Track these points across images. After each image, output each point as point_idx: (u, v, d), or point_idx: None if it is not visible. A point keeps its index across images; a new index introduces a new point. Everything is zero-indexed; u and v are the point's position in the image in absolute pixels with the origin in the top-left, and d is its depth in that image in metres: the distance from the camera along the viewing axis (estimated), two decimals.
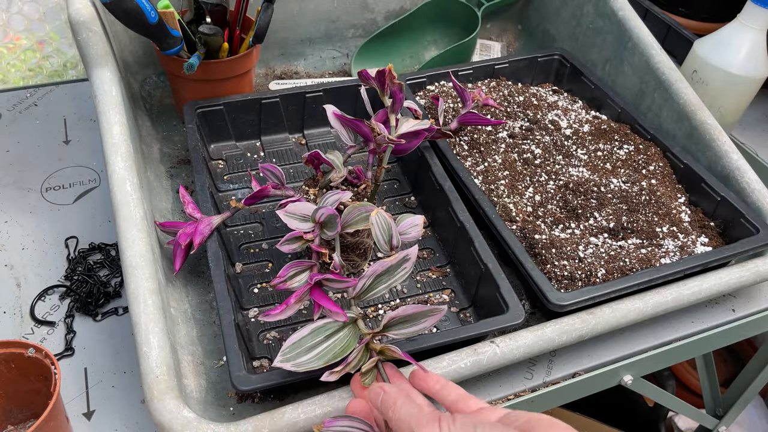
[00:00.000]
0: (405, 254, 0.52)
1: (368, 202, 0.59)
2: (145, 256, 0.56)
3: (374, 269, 0.51)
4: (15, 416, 0.55)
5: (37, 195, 0.78)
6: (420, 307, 0.49)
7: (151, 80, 0.89)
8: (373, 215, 0.55)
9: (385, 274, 0.52)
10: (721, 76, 0.88)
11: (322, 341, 0.50)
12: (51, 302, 0.66)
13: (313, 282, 0.53)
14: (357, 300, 0.53)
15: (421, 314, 0.50)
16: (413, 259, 0.52)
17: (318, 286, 0.54)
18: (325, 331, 0.51)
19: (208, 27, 0.74)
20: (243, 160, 0.80)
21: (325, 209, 0.57)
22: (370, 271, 0.51)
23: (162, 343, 0.51)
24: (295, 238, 0.58)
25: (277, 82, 0.95)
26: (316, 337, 0.50)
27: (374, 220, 0.55)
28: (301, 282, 0.55)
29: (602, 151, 0.80)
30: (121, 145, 0.62)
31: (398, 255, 0.52)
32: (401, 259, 0.52)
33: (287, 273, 0.55)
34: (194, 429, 0.47)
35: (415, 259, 0.52)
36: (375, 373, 0.50)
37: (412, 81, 0.86)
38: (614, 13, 0.89)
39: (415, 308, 0.49)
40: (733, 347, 1.39)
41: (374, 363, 0.50)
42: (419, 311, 0.49)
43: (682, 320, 0.69)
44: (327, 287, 0.54)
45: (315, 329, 0.51)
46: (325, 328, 0.51)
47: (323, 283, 0.54)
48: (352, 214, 0.58)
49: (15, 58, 1.14)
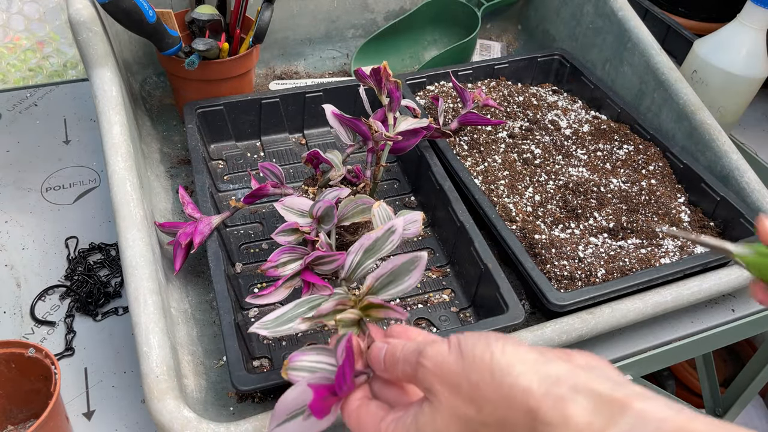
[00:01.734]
0: (391, 225, 0.50)
1: (365, 196, 0.58)
2: (145, 256, 0.56)
3: (361, 243, 0.49)
4: (15, 416, 0.55)
5: (37, 195, 0.78)
6: (399, 258, 0.45)
7: (151, 80, 0.89)
8: (375, 207, 0.55)
9: (372, 248, 0.50)
10: (721, 76, 0.88)
11: (306, 312, 0.48)
12: (51, 302, 0.66)
13: (306, 263, 0.52)
14: (348, 282, 0.51)
15: (404, 268, 0.46)
16: (400, 230, 0.50)
17: (309, 270, 0.53)
18: (309, 303, 0.49)
19: (203, 42, 0.74)
20: (243, 160, 0.80)
21: (322, 202, 0.57)
22: (357, 246, 0.49)
23: (162, 343, 0.51)
24: (292, 230, 0.57)
25: (277, 82, 0.95)
26: (299, 308, 0.48)
27: (376, 212, 0.54)
28: (294, 271, 0.54)
29: (602, 151, 0.80)
30: (121, 145, 0.62)
31: (384, 226, 0.50)
32: (387, 230, 0.49)
33: (278, 258, 0.54)
34: (194, 429, 0.47)
35: (401, 231, 0.50)
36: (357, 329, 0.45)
37: (412, 81, 0.86)
38: (614, 13, 0.89)
39: (394, 261, 0.45)
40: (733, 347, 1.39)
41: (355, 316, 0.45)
42: (400, 263, 0.45)
43: (682, 320, 0.69)
44: (318, 271, 0.54)
45: (300, 302, 0.49)
46: (309, 300, 0.49)
47: (314, 267, 0.53)
48: (348, 207, 0.58)
49: (15, 58, 1.14)
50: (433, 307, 0.64)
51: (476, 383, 0.32)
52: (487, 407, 0.31)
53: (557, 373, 0.30)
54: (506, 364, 0.31)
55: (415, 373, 0.35)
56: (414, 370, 0.35)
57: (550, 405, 0.29)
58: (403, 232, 0.51)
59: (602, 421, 0.27)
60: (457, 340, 0.34)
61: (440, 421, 0.33)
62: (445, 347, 0.34)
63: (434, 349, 0.34)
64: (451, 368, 0.33)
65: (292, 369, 0.42)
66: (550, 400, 0.29)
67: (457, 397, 0.32)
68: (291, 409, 0.39)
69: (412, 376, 0.36)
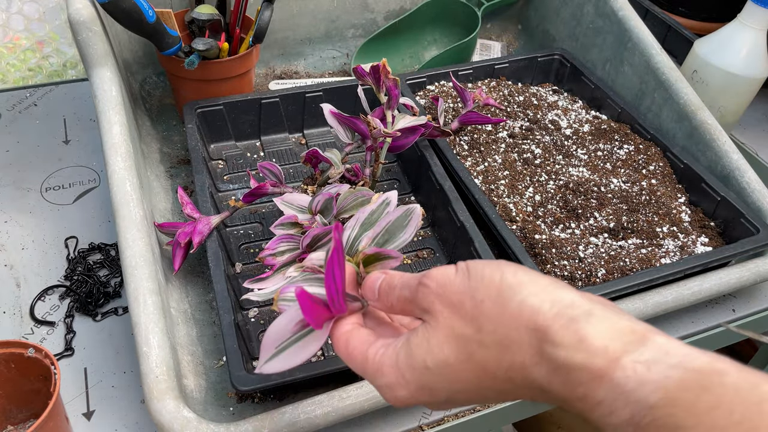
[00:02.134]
0: (385, 197, 0.49)
1: (364, 188, 0.58)
2: (145, 256, 0.56)
3: (357, 217, 0.48)
4: (15, 416, 0.55)
5: (37, 195, 0.78)
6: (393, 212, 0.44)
7: (151, 80, 0.89)
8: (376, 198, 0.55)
9: (369, 220, 0.48)
10: (722, 76, 0.88)
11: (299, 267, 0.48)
12: (51, 302, 0.66)
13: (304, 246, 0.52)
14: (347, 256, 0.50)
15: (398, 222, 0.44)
16: (394, 201, 0.49)
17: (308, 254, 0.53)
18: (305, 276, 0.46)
19: (202, 42, 0.74)
20: (243, 160, 0.79)
21: (321, 196, 0.57)
22: (353, 221, 0.48)
23: (162, 343, 0.51)
24: (291, 223, 0.57)
25: (277, 82, 0.95)
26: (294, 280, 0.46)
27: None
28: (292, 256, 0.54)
29: (602, 151, 0.80)
30: (121, 145, 0.62)
31: (378, 199, 0.49)
32: (381, 202, 0.49)
33: (276, 247, 0.54)
34: (194, 429, 0.47)
35: (395, 203, 0.49)
36: None
37: (412, 81, 0.86)
38: (614, 13, 0.89)
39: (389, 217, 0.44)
40: (733, 347, 1.39)
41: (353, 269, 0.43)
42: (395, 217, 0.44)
43: (683, 320, 0.69)
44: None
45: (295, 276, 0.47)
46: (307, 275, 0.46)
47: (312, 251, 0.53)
48: (348, 199, 0.58)
49: (15, 57, 1.14)
50: None
51: (481, 300, 0.29)
52: (488, 325, 0.28)
53: (572, 298, 0.27)
54: (517, 283, 0.29)
55: (415, 295, 0.32)
56: (413, 294, 0.33)
57: (562, 324, 0.26)
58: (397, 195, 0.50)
59: (620, 347, 0.25)
60: (466, 264, 0.31)
61: (434, 341, 0.30)
62: (452, 269, 0.32)
63: (440, 271, 0.32)
64: (455, 287, 0.30)
65: (282, 300, 0.40)
66: (562, 319, 0.26)
67: (457, 316, 0.30)
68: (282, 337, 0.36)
69: (410, 300, 0.33)
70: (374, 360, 0.32)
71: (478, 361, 0.29)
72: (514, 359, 0.28)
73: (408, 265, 0.68)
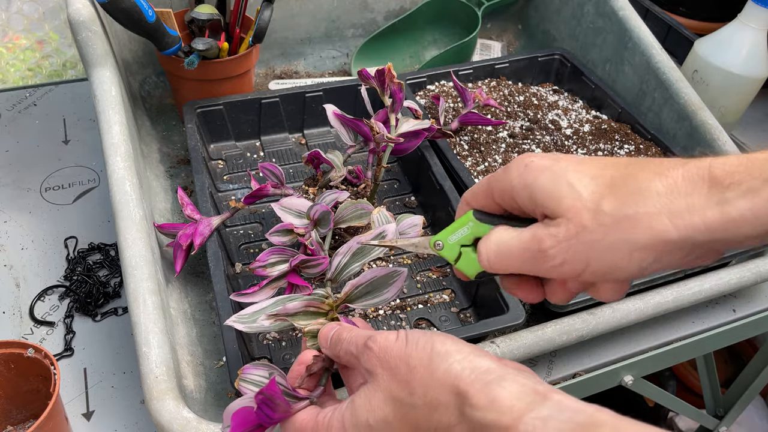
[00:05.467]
0: (382, 230, 0.50)
1: (364, 201, 0.58)
2: (145, 257, 0.56)
3: (350, 245, 0.49)
4: (15, 416, 0.55)
5: (37, 195, 0.78)
6: (380, 270, 0.46)
7: (151, 80, 0.89)
8: (375, 213, 0.55)
9: (361, 251, 0.50)
10: (722, 76, 0.88)
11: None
12: (50, 302, 0.66)
13: (293, 266, 0.52)
14: (334, 283, 0.51)
15: (383, 280, 0.46)
16: (390, 236, 0.50)
17: (296, 272, 0.53)
18: (287, 300, 0.48)
19: (202, 42, 0.74)
20: (243, 160, 0.79)
21: (319, 206, 0.57)
22: (345, 248, 0.49)
23: (162, 343, 0.51)
24: (286, 231, 0.57)
25: (277, 81, 0.95)
26: (278, 305, 0.48)
27: (375, 218, 0.54)
28: (281, 272, 0.54)
29: (603, 151, 0.80)
30: (121, 145, 0.62)
31: (374, 231, 0.50)
32: (377, 235, 0.50)
33: (267, 259, 0.55)
34: (194, 429, 0.47)
35: (392, 237, 0.50)
36: None
37: (413, 81, 0.86)
38: (615, 13, 0.89)
39: (375, 272, 0.46)
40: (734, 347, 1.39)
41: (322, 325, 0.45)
42: (380, 275, 0.46)
43: (683, 320, 0.69)
44: (306, 274, 0.54)
45: (279, 300, 0.48)
46: (289, 298, 0.48)
47: (301, 270, 0.53)
48: (347, 210, 0.58)
49: (14, 57, 1.14)
50: (434, 307, 0.64)
51: (414, 367, 0.34)
52: (419, 389, 0.33)
53: (488, 365, 0.32)
54: (444, 352, 0.33)
55: (360, 355, 0.37)
56: (359, 353, 0.37)
57: (478, 388, 0.31)
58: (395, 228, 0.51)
59: (523, 406, 0.29)
60: (404, 333, 0.36)
61: (375, 402, 0.35)
62: (393, 336, 0.36)
63: (383, 336, 0.36)
64: (394, 353, 0.35)
65: (243, 381, 0.43)
66: (479, 384, 0.31)
67: (394, 380, 0.34)
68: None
69: (355, 357, 0.38)
70: (323, 423, 0.37)
71: (411, 420, 0.33)
72: (441, 419, 0.32)
73: (408, 265, 0.68)
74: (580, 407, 0.29)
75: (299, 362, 0.41)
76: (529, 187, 0.34)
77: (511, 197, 0.36)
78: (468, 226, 0.38)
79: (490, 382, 0.31)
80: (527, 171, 0.35)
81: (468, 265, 0.38)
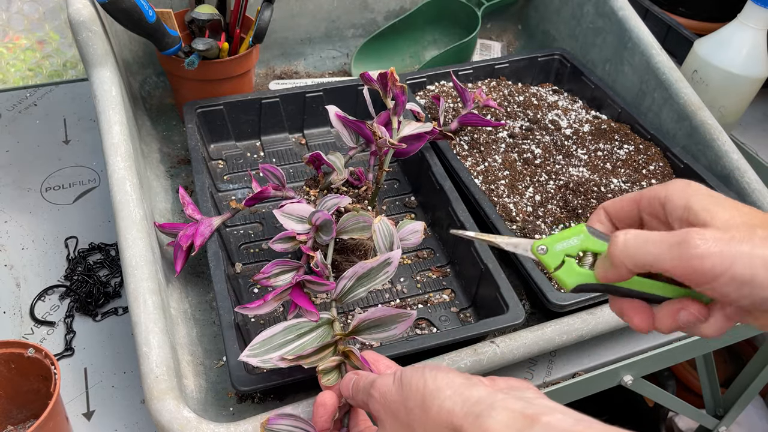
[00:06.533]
0: (387, 257, 0.51)
1: (367, 214, 0.58)
2: (145, 257, 0.56)
3: (355, 270, 0.51)
4: (15, 416, 0.55)
5: (37, 195, 0.78)
6: (390, 310, 0.48)
7: (151, 80, 0.89)
8: (376, 223, 0.55)
9: (366, 276, 0.51)
10: (722, 76, 0.88)
11: (293, 339, 0.50)
12: (51, 302, 0.66)
13: (295, 282, 0.53)
14: (338, 303, 0.52)
15: (391, 319, 0.48)
16: (395, 263, 0.51)
17: (299, 286, 0.53)
18: (298, 329, 0.50)
19: (202, 42, 0.74)
20: (243, 160, 0.79)
21: (321, 213, 0.57)
22: (351, 272, 0.51)
23: (162, 343, 0.51)
24: (288, 238, 0.58)
25: (277, 81, 0.95)
26: (288, 335, 0.50)
27: (377, 228, 0.55)
28: (285, 282, 0.55)
29: (602, 151, 0.80)
30: (121, 145, 0.62)
31: (380, 257, 0.51)
32: (383, 262, 0.51)
33: (271, 270, 0.55)
34: (194, 429, 0.47)
35: (397, 264, 0.51)
36: (337, 374, 0.48)
37: (412, 81, 0.86)
38: (614, 13, 0.89)
39: (384, 311, 0.48)
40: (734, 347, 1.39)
41: (335, 363, 0.48)
42: (389, 314, 0.48)
43: None
44: (309, 289, 0.54)
45: (288, 327, 0.50)
46: (298, 326, 0.50)
47: (305, 284, 0.53)
48: (349, 222, 0.58)
49: (15, 57, 1.14)
50: (434, 307, 0.64)
51: (411, 409, 0.36)
52: (419, 430, 0.35)
53: (478, 395, 0.34)
54: (435, 389, 0.35)
55: (368, 402, 0.40)
56: (367, 400, 0.40)
57: (470, 422, 0.33)
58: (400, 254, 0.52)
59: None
60: (400, 373, 0.39)
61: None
62: (390, 380, 0.39)
63: (381, 382, 0.40)
64: (392, 398, 0.38)
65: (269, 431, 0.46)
66: (470, 417, 0.33)
67: (397, 423, 0.37)
68: None
69: (366, 405, 0.41)
70: None
71: None
72: None
73: (408, 265, 0.68)
74: (567, 426, 0.30)
75: (319, 404, 0.45)
76: (687, 198, 0.36)
77: (660, 204, 0.38)
78: (579, 237, 0.39)
79: (480, 414, 0.32)
80: (689, 186, 0.37)
81: (568, 275, 0.39)
